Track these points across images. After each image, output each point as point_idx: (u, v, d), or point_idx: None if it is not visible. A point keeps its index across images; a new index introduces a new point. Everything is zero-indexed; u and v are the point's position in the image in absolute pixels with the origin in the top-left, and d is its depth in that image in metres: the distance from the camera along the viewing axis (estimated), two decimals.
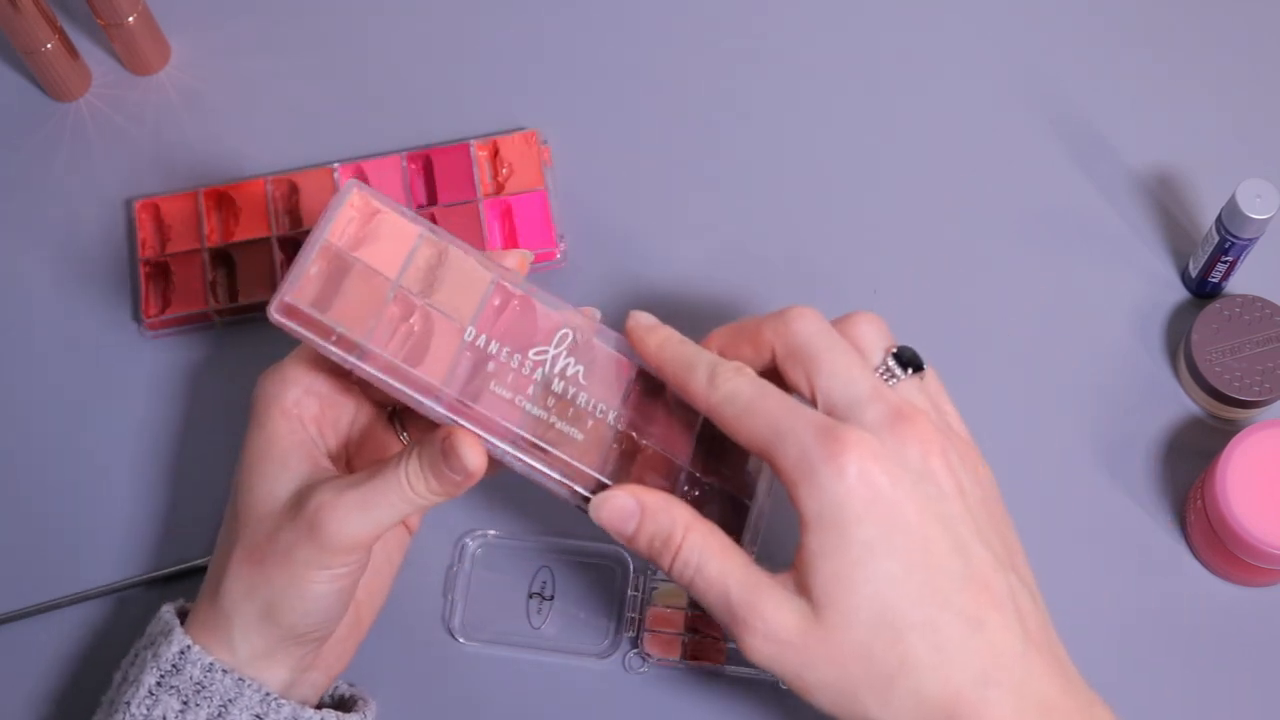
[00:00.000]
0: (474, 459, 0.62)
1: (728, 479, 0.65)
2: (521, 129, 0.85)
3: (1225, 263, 0.77)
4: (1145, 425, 0.78)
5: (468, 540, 0.77)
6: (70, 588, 0.77)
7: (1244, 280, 0.80)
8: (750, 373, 0.61)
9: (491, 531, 0.77)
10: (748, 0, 0.89)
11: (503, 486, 0.78)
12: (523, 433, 0.63)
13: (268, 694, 0.66)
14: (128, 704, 0.66)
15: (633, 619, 0.75)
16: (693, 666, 0.75)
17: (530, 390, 0.63)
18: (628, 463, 0.64)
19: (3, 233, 0.85)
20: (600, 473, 0.63)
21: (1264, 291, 0.78)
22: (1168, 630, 0.70)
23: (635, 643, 0.75)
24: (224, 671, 0.65)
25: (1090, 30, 0.87)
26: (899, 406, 0.59)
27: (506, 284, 0.64)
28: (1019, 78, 0.86)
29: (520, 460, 0.63)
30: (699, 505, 0.63)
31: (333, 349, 0.62)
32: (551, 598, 0.76)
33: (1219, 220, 0.75)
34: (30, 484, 0.80)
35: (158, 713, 0.66)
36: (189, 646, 0.66)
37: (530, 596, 0.76)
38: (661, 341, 0.64)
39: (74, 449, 0.80)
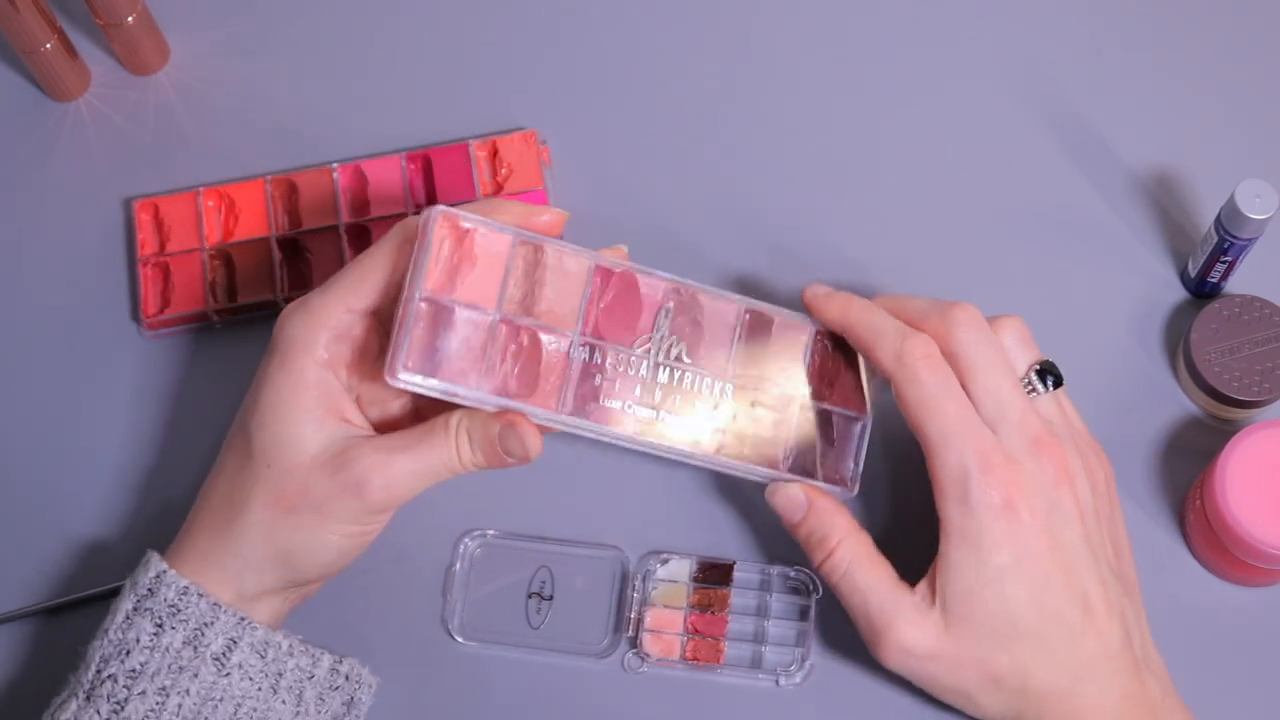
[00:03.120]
0: (533, 449, 0.66)
1: (839, 398, 0.71)
2: (520, 129, 0.85)
3: (1224, 263, 0.77)
4: (1144, 425, 0.78)
5: (467, 540, 0.77)
6: (71, 588, 0.77)
7: (1243, 280, 0.80)
8: (937, 357, 0.66)
9: (491, 531, 0.77)
10: (747, 1, 0.89)
11: (502, 486, 0.78)
12: (630, 435, 0.68)
13: (242, 618, 0.66)
14: (105, 630, 0.66)
15: (631, 619, 0.75)
16: (691, 666, 0.75)
17: (638, 392, 0.68)
18: (739, 414, 0.70)
19: (2, 232, 0.85)
20: (701, 449, 0.69)
21: (1263, 291, 0.78)
22: (1167, 630, 0.70)
23: (634, 643, 0.75)
24: (199, 595, 0.66)
25: (1090, 30, 0.87)
26: (1040, 435, 0.66)
27: (605, 264, 0.68)
28: (1018, 77, 0.86)
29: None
30: (815, 424, 0.70)
31: (446, 396, 0.65)
32: (551, 598, 0.76)
33: (1218, 220, 0.75)
34: (28, 484, 0.80)
35: (131, 635, 0.66)
36: (164, 571, 0.66)
37: (529, 596, 0.76)
38: (843, 307, 0.68)
39: (73, 449, 0.80)
